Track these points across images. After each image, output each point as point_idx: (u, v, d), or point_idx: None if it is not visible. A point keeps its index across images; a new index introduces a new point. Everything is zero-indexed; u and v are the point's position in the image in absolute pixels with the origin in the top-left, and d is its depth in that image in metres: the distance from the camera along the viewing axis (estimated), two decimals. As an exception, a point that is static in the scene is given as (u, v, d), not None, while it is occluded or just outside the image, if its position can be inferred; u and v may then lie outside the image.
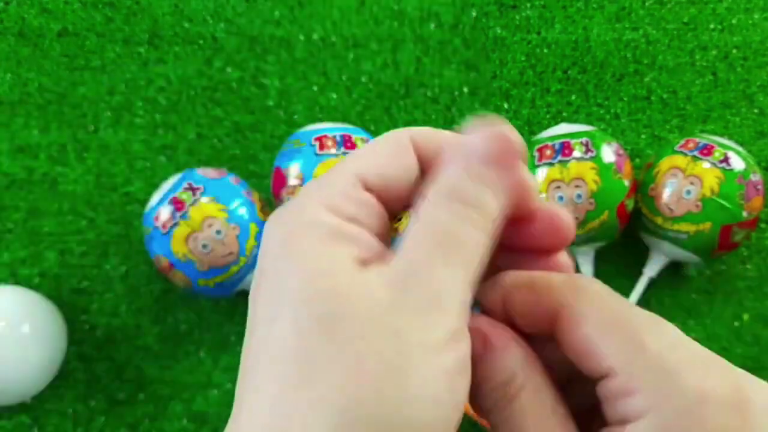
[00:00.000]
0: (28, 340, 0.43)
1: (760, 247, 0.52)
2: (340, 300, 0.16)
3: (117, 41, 0.55)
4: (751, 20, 0.58)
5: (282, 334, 0.16)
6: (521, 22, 0.57)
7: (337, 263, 0.16)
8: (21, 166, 0.52)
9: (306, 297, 0.16)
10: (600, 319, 0.17)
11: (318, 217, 0.17)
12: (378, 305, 0.16)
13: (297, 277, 0.16)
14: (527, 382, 0.18)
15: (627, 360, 0.16)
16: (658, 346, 0.16)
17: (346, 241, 0.17)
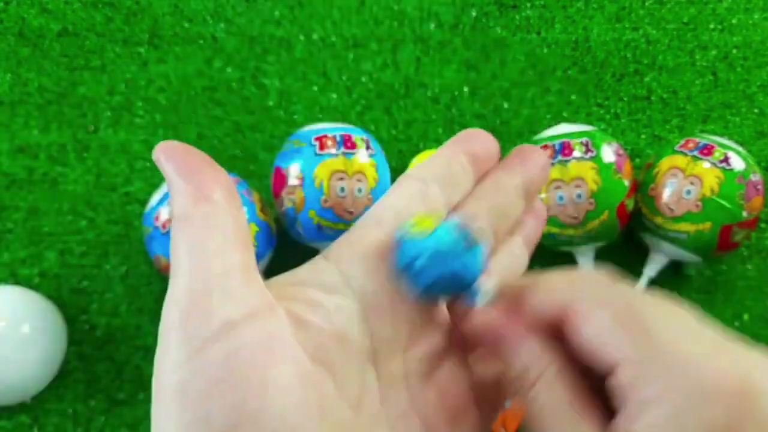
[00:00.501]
0: (27, 340, 0.43)
1: (760, 247, 0.52)
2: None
3: (117, 41, 0.55)
4: (751, 20, 0.58)
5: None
6: (521, 22, 0.57)
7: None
8: (21, 166, 0.52)
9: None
10: (604, 316, 0.17)
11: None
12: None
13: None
14: (543, 373, 0.18)
15: (636, 352, 0.16)
16: (667, 337, 0.16)
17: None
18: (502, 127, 0.54)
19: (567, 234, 0.45)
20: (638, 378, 0.16)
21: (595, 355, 0.17)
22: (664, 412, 0.15)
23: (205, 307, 0.16)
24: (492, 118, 0.55)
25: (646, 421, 0.16)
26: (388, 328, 0.19)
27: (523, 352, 0.18)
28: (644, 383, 0.16)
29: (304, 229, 0.45)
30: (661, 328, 0.16)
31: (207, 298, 0.16)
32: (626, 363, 0.16)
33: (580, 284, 0.18)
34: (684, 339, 0.16)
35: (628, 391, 0.16)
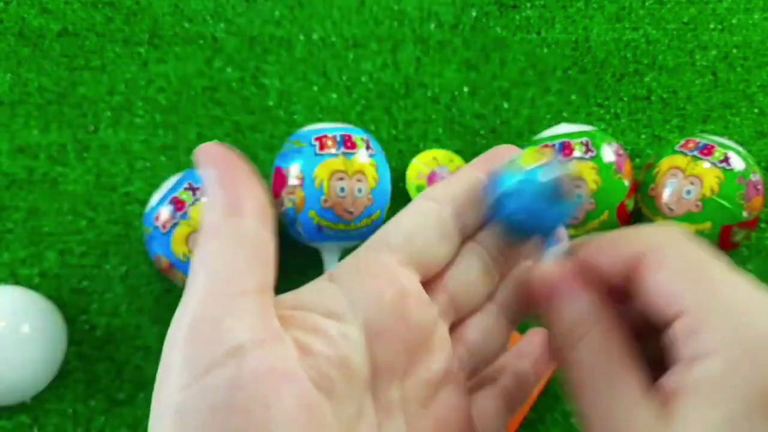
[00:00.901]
0: (27, 340, 0.43)
1: (760, 248, 0.52)
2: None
3: (117, 41, 0.55)
4: (751, 20, 0.58)
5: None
6: (521, 22, 0.57)
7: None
8: (21, 166, 0.52)
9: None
10: (674, 264, 0.17)
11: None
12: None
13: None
14: (593, 327, 0.18)
15: (698, 300, 0.16)
16: (729, 290, 0.16)
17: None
18: (502, 127, 0.54)
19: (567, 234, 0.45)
20: (699, 327, 0.16)
21: (659, 304, 0.17)
22: (720, 363, 0.15)
23: (215, 330, 0.16)
24: (492, 118, 0.55)
25: (700, 371, 0.15)
26: (388, 353, 0.19)
27: (575, 307, 0.19)
28: (704, 333, 0.16)
29: (304, 229, 0.45)
30: (727, 283, 0.17)
31: (217, 322, 0.16)
32: (689, 311, 0.16)
33: (653, 235, 0.18)
34: (748, 294, 0.16)
35: (686, 341, 0.16)
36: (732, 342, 0.15)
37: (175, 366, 0.16)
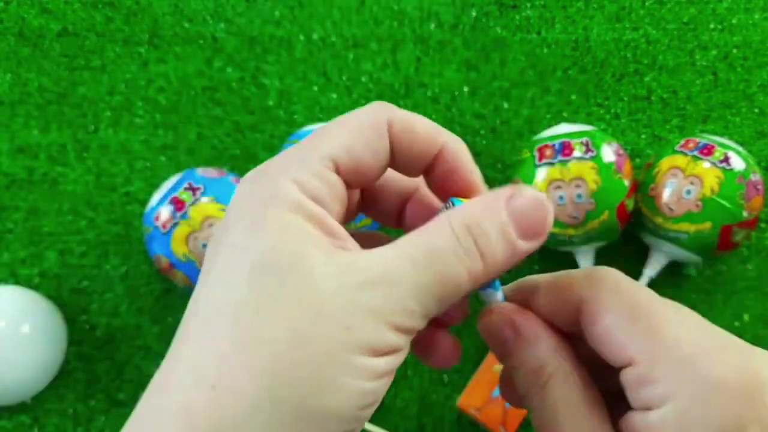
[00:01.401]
0: (28, 340, 0.43)
1: (760, 247, 0.52)
2: (303, 272, 0.16)
3: (117, 41, 0.55)
4: (751, 20, 0.58)
5: (232, 288, 0.16)
6: (521, 22, 0.57)
7: (305, 247, 0.17)
8: (21, 166, 0.52)
9: (269, 260, 0.16)
10: (620, 310, 0.18)
11: (288, 190, 0.17)
12: (340, 295, 0.16)
13: (259, 244, 0.17)
14: (557, 369, 0.19)
15: (647, 350, 0.17)
16: (676, 334, 0.17)
17: (311, 221, 0.17)
18: (502, 127, 0.54)
19: (567, 234, 0.45)
20: (648, 377, 0.17)
21: (608, 351, 0.18)
22: (674, 407, 0.16)
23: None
24: (492, 118, 0.55)
25: (655, 419, 0.16)
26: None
27: (540, 348, 0.19)
28: (655, 380, 0.16)
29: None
30: (671, 326, 0.17)
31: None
32: (638, 361, 0.17)
33: (597, 278, 0.19)
34: (693, 336, 0.17)
35: (637, 390, 0.17)
36: (682, 391, 0.16)
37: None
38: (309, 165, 0.18)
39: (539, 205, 0.18)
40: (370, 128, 0.19)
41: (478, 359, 0.48)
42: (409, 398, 0.47)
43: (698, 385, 0.16)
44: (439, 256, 0.17)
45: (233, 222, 0.18)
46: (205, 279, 0.17)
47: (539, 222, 0.18)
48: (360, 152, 0.18)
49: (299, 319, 0.16)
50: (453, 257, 0.17)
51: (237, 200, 0.18)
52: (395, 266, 0.17)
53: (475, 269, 0.17)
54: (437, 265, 0.17)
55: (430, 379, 0.48)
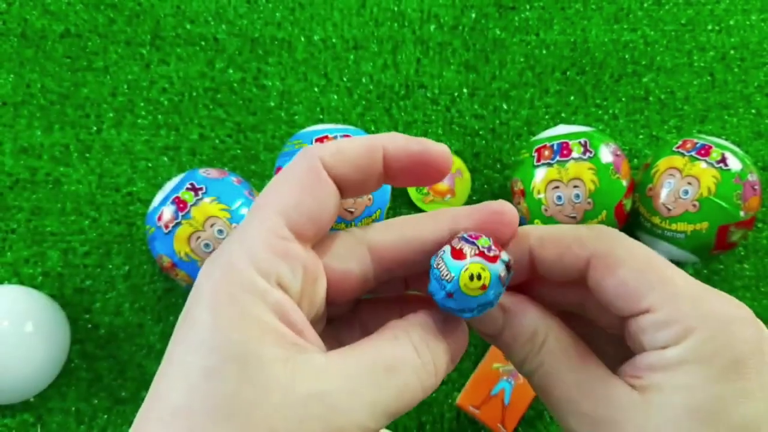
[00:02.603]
0: (31, 339, 0.44)
1: (757, 247, 0.52)
2: (251, 389, 0.16)
3: (119, 42, 0.56)
4: (748, 21, 0.58)
5: (181, 396, 0.16)
6: (520, 24, 0.58)
7: (260, 345, 0.16)
8: (24, 166, 0.52)
9: (217, 372, 0.16)
10: (632, 263, 0.19)
11: (248, 278, 0.17)
12: (295, 406, 0.16)
13: (215, 345, 0.16)
14: (549, 331, 0.20)
15: (664, 297, 0.18)
16: (684, 282, 0.18)
17: (272, 314, 0.17)
18: (501, 128, 0.55)
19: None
20: (669, 318, 0.18)
21: (623, 301, 0.19)
22: (695, 339, 0.17)
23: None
24: (491, 119, 0.55)
25: (679, 349, 0.17)
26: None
27: (530, 317, 0.20)
28: (675, 321, 0.18)
29: (305, 229, 0.45)
30: (677, 275, 0.18)
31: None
32: (657, 307, 0.18)
33: (608, 234, 0.20)
34: (698, 285, 0.18)
35: (659, 329, 0.18)
36: (702, 325, 0.17)
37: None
38: (265, 241, 0.18)
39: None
40: (308, 177, 0.19)
41: (477, 358, 0.48)
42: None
43: (714, 320, 0.17)
44: (399, 372, 0.17)
45: (197, 310, 0.17)
46: (160, 376, 0.17)
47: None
48: (309, 204, 0.18)
49: (252, 429, 0.16)
50: (413, 374, 0.17)
51: (198, 283, 0.18)
52: (355, 380, 0.17)
53: (429, 384, 0.18)
54: (397, 381, 0.17)
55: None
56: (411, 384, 0.17)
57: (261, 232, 0.18)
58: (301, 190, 0.19)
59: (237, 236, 0.18)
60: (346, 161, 0.19)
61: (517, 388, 0.45)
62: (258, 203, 0.19)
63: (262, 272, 0.17)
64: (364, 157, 0.19)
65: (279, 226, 0.18)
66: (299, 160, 0.19)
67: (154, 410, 0.16)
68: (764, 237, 0.53)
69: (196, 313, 0.17)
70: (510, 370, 0.45)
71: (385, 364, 0.17)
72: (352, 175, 0.19)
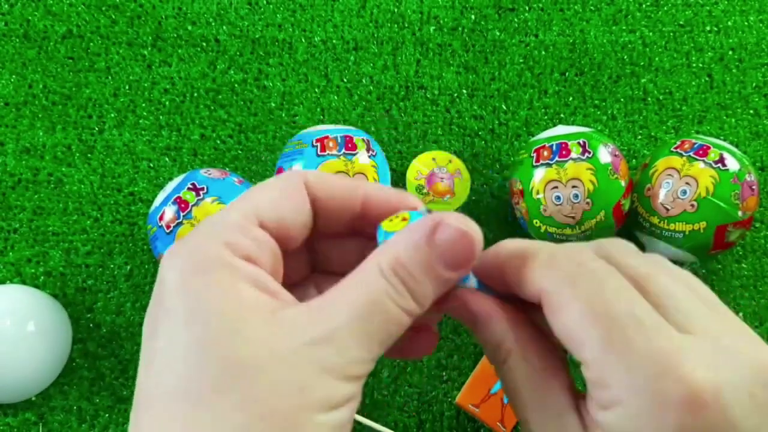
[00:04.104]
0: (33, 339, 0.44)
1: (755, 247, 0.52)
2: (244, 347, 0.16)
3: (121, 43, 0.56)
4: (746, 22, 0.58)
5: (179, 375, 0.16)
6: (519, 25, 0.58)
7: (246, 311, 0.17)
8: (26, 166, 0.52)
9: (208, 340, 0.16)
10: (577, 308, 0.18)
11: (218, 253, 0.17)
12: (288, 359, 0.16)
13: (198, 317, 0.16)
14: (514, 345, 0.20)
15: (600, 356, 0.17)
16: (632, 337, 0.17)
17: (246, 281, 0.17)
18: (501, 129, 0.55)
19: (564, 233, 0.46)
20: (601, 379, 0.17)
21: (566, 346, 0.18)
22: (625, 413, 0.17)
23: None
24: (490, 120, 0.55)
25: (612, 416, 0.17)
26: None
27: (495, 327, 0.20)
28: (607, 385, 0.17)
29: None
30: (629, 329, 0.17)
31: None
32: (591, 365, 0.17)
33: (555, 267, 0.19)
34: (652, 332, 0.17)
35: (594, 386, 0.17)
36: (629, 399, 0.16)
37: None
38: (234, 225, 0.18)
39: (463, 235, 0.18)
40: (288, 186, 0.20)
41: (476, 356, 0.49)
42: (408, 394, 0.48)
43: (644, 397, 0.16)
44: (377, 303, 0.18)
45: (168, 296, 0.17)
46: (148, 367, 0.17)
47: (464, 252, 0.18)
48: (282, 207, 0.19)
49: (253, 393, 0.16)
50: (390, 302, 0.18)
51: (165, 272, 0.18)
52: (340, 320, 0.17)
53: (410, 308, 0.18)
54: (378, 313, 0.17)
55: (429, 375, 0.48)
56: (392, 312, 0.18)
57: (231, 217, 0.19)
58: (278, 194, 0.20)
59: (205, 224, 0.19)
60: (326, 187, 0.20)
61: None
62: (233, 203, 0.19)
63: (233, 249, 0.18)
64: (343, 189, 0.21)
65: (249, 214, 0.19)
66: (284, 174, 0.21)
67: (151, 395, 0.17)
68: (762, 237, 0.53)
69: (174, 302, 0.17)
70: (509, 369, 0.46)
71: (364, 300, 0.18)
72: (327, 201, 0.20)
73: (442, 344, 0.49)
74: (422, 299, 0.18)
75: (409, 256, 0.18)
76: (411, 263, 0.18)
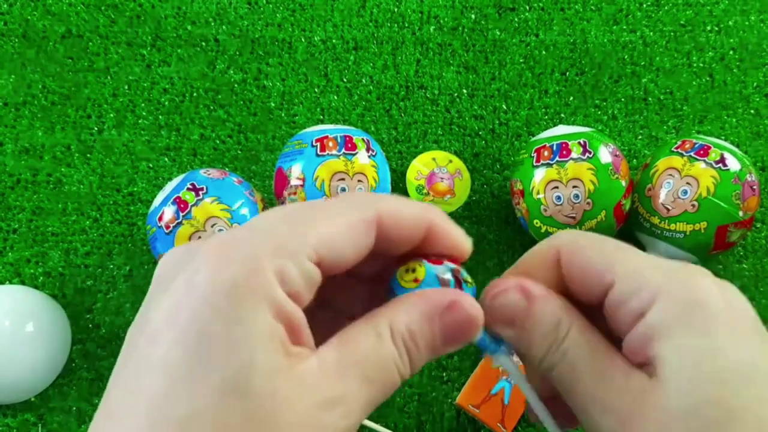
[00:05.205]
0: (32, 339, 0.44)
1: (755, 247, 0.52)
2: (267, 395, 0.16)
3: (120, 43, 0.56)
4: (747, 22, 0.58)
5: (204, 410, 0.16)
6: (520, 25, 0.58)
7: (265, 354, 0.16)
8: (25, 166, 0.52)
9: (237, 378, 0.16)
10: (591, 247, 0.21)
11: (272, 287, 0.17)
12: (302, 417, 0.16)
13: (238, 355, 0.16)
14: (573, 322, 0.20)
15: (623, 268, 0.20)
16: (643, 256, 0.20)
17: (278, 318, 0.17)
18: (501, 129, 0.55)
19: (565, 234, 0.46)
20: (633, 285, 0.19)
21: (590, 282, 0.20)
22: (664, 302, 0.18)
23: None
24: (491, 119, 0.55)
25: (653, 314, 0.19)
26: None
27: (554, 304, 0.21)
28: (639, 288, 0.19)
29: (306, 229, 0.45)
30: (631, 252, 0.21)
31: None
32: (620, 278, 0.19)
33: (560, 236, 0.22)
34: (656, 258, 0.20)
35: (628, 299, 0.19)
36: (666, 287, 0.19)
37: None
38: (293, 255, 0.17)
39: (471, 321, 0.19)
40: (359, 222, 0.19)
41: (477, 357, 0.49)
42: (408, 395, 0.48)
43: (676, 279, 0.19)
44: (384, 370, 0.18)
45: (188, 304, 0.16)
46: (136, 369, 0.17)
47: (466, 335, 0.20)
48: (346, 249, 0.18)
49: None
50: (395, 368, 0.19)
51: (200, 264, 0.17)
52: (351, 386, 0.18)
53: (406, 375, 0.19)
54: (383, 379, 0.18)
55: (429, 376, 0.48)
56: (393, 378, 0.19)
57: (294, 241, 0.17)
58: (345, 229, 0.18)
59: (264, 232, 0.18)
60: (399, 222, 0.20)
61: (517, 388, 0.45)
62: (298, 219, 0.18)
63: (284, 283, 0.17)
64: (413, 220, 0.20)
65: (311, 244, 0.18)
66: (356, 201, 0.19)
67: (131, 404, 0.16)
68: (763, 237, 0.53)
69: (205, 314, 0.16)
70: (510, 370, 0.46)
71: (374, 365, 0.18)
72: (394, 235, 0.20)
73: (443, 345, 0.49)
74: (416, 368, 0.19)
75: (420, 329, 0.19)
76: (420, 336, 0.19)
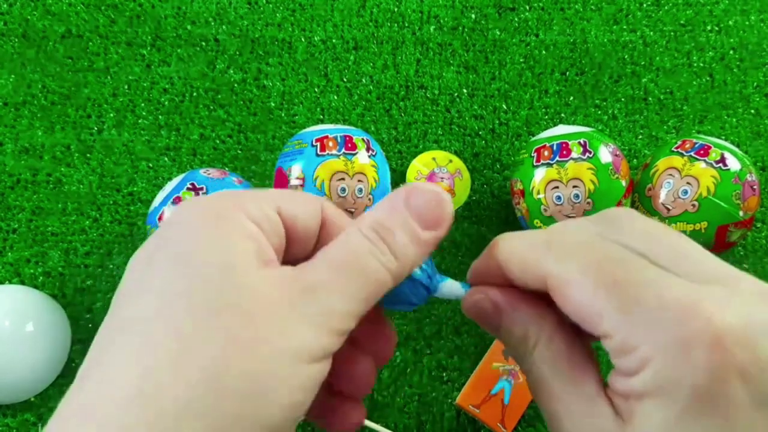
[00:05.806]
0: (32, 339, 0.44)
1: (756, 247, 0.52)
2: (242, 285, 0.17)
3: (120, 43, 0.56)
4: (747, 22, 0.58)
5: (171, 307, 0.17)
6: (520, 25, 0.58)
7: (243, 258, 0.18)
8: (25, 166, 0.52)
9: (206, 280, 0.17)
10: (584, 281, 0.18)
11: (230, 211, 0.19)
12: (277, 304, 0.17)
13: (206, 260, 0.17)
14: (541, 335, 0.20)
15: (618, 322, 0.17)
16: (645, 293, 0.17)
17: (251, 240, 0.18)
18: (501, 128, 0.55)
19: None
20: (626, 345, 0.17)
21: (583, 326, 0.18)
22: (653, 372, 0.16)
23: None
24: (491, 119, 0.55)
25: (639, 381, 0.17)
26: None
27: (521, 317, 0.20)
28: (632, 349, 0.17)
29: (306, 229, 0.45)
30: (639, 286, 0.17)
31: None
32: (612, 333, 0.17)
33: (554, 249, 0.19)
34: (666, 286, 0.17)
35: (619, 355, 0.17)
36: (657, 354, 0.16)
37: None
38: (253, 198, 0.19)
39: (435, 197, 0.20)
40: (307, 196, 0.21)
41: (477, 357, 0.48)
42: (408, 395, 0.48)
43: (671, 347, 0.16)
44: (359, 259, 0.19)
45: (174, 231, 0.18)
46: (136, 293, 0.18)
47: (437, 212, 0.20)
48: (298, 207, 0.20)
49: (238, 330, 0.16)
50: (370, 257, 0.19)
51: (175, 215, 0.19)
52: (326, 275, 0.18)
53: (391, 264, 0.19)
54: (360, 268, 0.19)
55: (429, 376, 0.48)
56: (373, 268, 0.19)
57: (251, 192, 0.20)
58: (299, 195, 0.21)
59: (223, 191, 0.20)
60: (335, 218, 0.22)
61: (517, 388, 0.45)
62: (263, 190, 0.21)
63: (245, 211, 0.19)
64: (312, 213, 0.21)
65: (269, 199, 0.20)
66: (307, 193, 0.22)
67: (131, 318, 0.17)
68: (763, 237, 0.53)
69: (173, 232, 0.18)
70: (510, 370, 0.46)
71: (346, 257, 0.19)
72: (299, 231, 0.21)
73: (443, 345, 0.49)
74: (402, 256, 0.19)
75: (390, 217, 0.20)
76: (389, 221, 0.20)
